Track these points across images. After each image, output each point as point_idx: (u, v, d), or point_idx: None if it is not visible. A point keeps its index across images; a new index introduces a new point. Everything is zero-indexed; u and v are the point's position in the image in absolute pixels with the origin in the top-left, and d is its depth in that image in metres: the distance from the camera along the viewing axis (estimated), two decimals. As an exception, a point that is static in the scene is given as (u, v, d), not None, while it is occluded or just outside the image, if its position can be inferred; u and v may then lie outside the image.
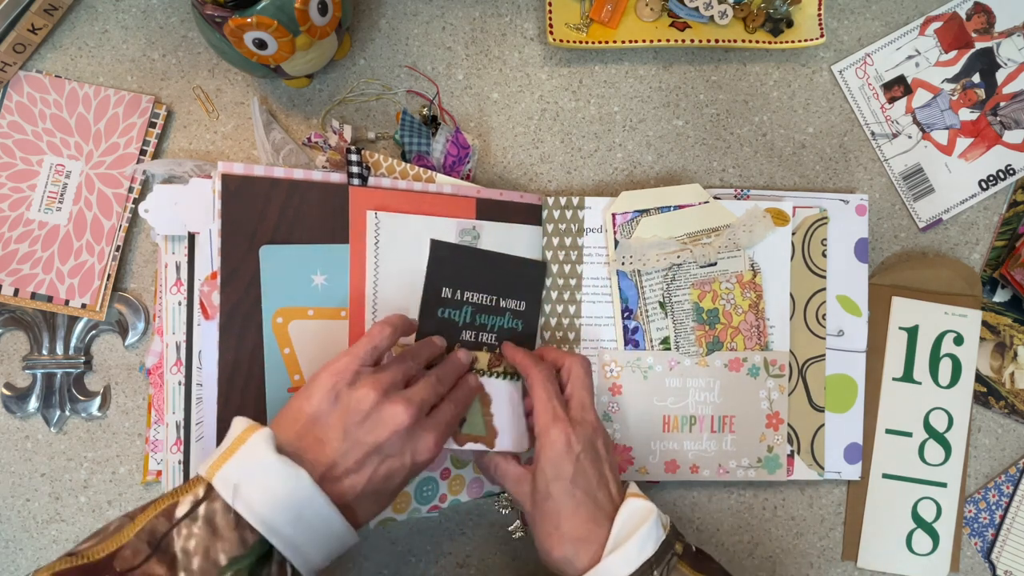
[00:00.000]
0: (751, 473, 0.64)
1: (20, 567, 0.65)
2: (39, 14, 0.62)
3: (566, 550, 0.49)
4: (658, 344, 0.63)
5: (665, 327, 0.63)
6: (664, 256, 0.62)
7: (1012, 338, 0.68)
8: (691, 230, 0.63)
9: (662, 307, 0.63)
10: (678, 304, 0.63)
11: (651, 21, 0.66)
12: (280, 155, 0.63)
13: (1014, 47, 0.68)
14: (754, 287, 0.64)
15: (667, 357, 0.63)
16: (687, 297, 0.63)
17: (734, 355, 0.63)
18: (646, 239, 0.62)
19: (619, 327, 0.63)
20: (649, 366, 0.63)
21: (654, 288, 0.63)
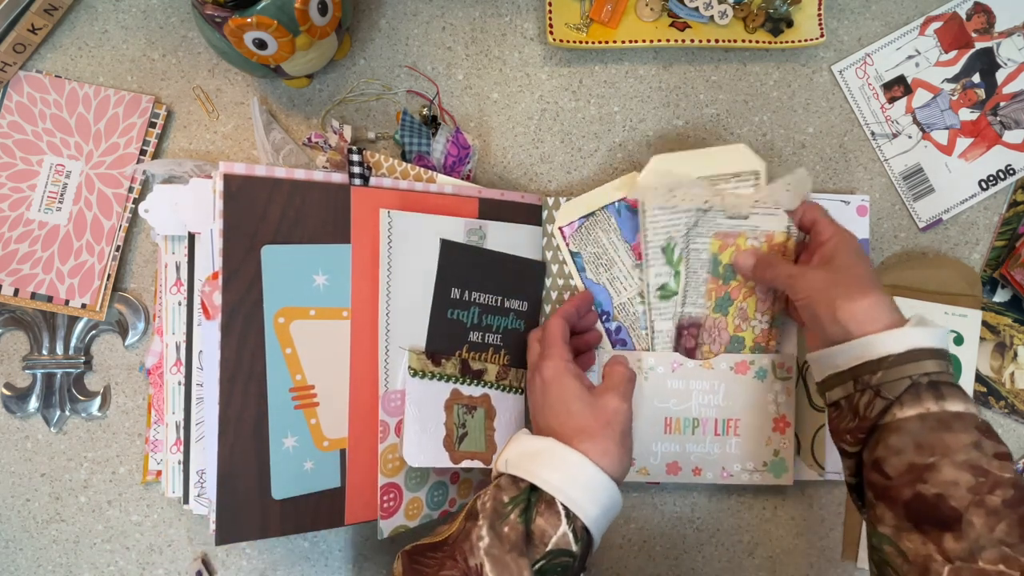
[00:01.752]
0: (756, 477, 0.64)
1: (20, 567, 0.65)
2: (39, 14, 0.62)
3: (880, 299, 0.50)
4: (654, 292, 0.62)
5: (665, 273, 0.61)
6: (690, 198, 0.60)
7: (1012, 338, 0.68)
8: (711, 172, 0.61)
9: (664, 251, 0.61)
10: (695, 252, 0.61)
11: (651, 21, 0.66)
12: (280, 155, 0.63)
13: (1014, 47, 0.68)
14: (784, 250, 0.61)
15: (670, 359, 0.63)
16: (706, 246, 0.61)
17: (741, 357, 0.63)
18: (670, 174, 0.59)
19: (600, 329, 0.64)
20: (651, 367, 0.63)
21: (659, 229, 0.61)
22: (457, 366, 0.59)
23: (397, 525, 0.58)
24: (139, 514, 0.66)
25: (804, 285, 0.54)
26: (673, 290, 0.62)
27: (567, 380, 0.55)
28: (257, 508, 0.54)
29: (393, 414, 0.57)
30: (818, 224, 0.58)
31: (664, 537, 0.68)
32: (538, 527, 0.47)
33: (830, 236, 0.56)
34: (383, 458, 0.57)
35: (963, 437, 0.45)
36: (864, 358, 0.50)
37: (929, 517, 0.44)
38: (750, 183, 0.61)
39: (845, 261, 0.54)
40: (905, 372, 0.48)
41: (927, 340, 0.48)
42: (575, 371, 0.56)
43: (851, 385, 0.50)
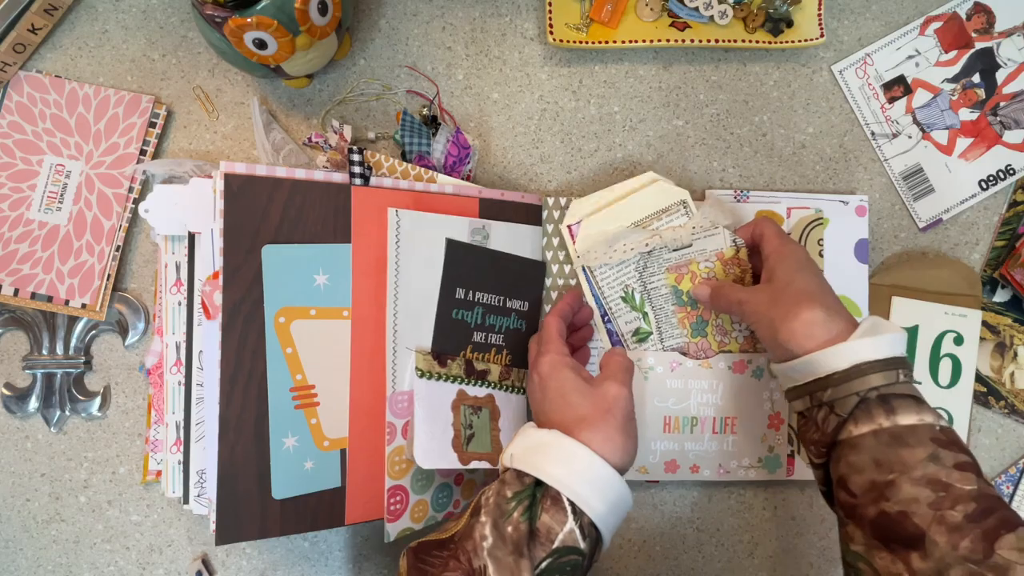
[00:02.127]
0: (751, 473, 0.64)
1: (20, 567, 0.65)
2: (39, 14, 0.62)
3: (815, 315, 0.50)
4: (630, 337, 0.63)
5: (634, 319, 0.63)
6: (630, 247, 0.61)
7: (1012, 338, 0.68)
8: (639, 216, 0.62)
9: (625, 300, 0.62)
10: (655, 291, 0.62)
11: (651, 21, 0.66)
12: (280, 155, 0.63)
13: (1014, 47, 0.68)
14: (738, 263, 0.62)
15: (669, 359, 0.63)
16: (663, 282, 0.62)
17: (739, 357, 0.63)
18: (603, 233, 0.61)
19: (602, 331, 0.64)
20: (650, 367, 0.63)
21: (611, 284, 0.63)
22: (462, 367, 0.59)
23: (403, 528, 0.58)
24: (139, 514, 0.66)
25: (750, 310, 0.55)
26: (647, 331, 0.63)
27: (564, 372, 0.54)
28: (257, 508, 0.54)
29: (400, 415, 0.57)
30: (763, 240, 0.58)
31: (664, 537, 0.68)
32: (543, 524, 0.47)
33: (771, 252, 0.56)
34: (390, 460, 0.57)
35: (918, 452, 0.45)
36: (812, 375, 0.50)
37: (894, 535, 0.44)
38: (680, 214, 0.62)
39: (784, 276, 0.54)
40: (852, 389, 0.48)
41: (871, 352, 0.48)
42: (572, 363, 0.55)
43: (808, 399, 0.51)
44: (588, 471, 0.49)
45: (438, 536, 0.49)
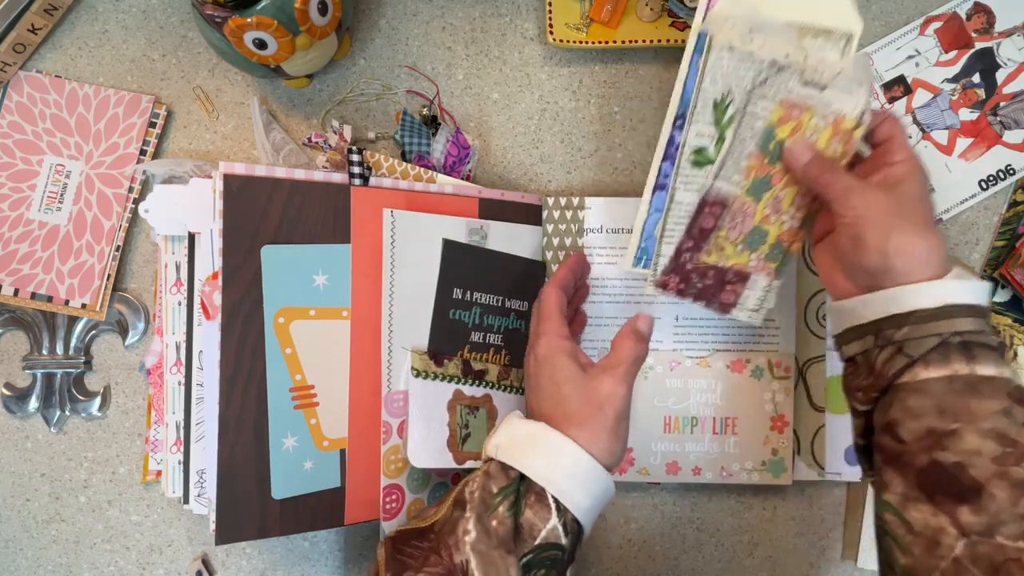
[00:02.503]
0: (755, 476, 0.64)
1: (20, 567, 0.65)
2: (39, 14, 0.62)
3: (925, 245, 0.45)
4: (689, 155, 0.52)
5: (708, 135, 0.52)
6: (770, 46, 0.49)
7: (1012, 338, 0.68)
8: (799, 20, 0.50)
9: (716, 107, 0.51)
10: (750, 116, 0.51)
11: (651, 21, 0.66)
12: (280, 155, 0.63)
13: (1014, 47, 0.68)
14: (847, 139, 0.50)
15: (668, 358, 0.63)
16: (766, 112, 0.51)
17: (736, 356, 0.63)
18: (754, 10, 0.49)
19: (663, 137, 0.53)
20: (650, 366, 0.63)
21: (715, 77, 0.51)
22: (459, 366, 0.59)
23: (399, 527, 0.58)
24: (139, 514, 0.66)
25: (859, 202, 0.46)
26: (710, 157, 0.53)
27: (560, 359, 0.52)
28: (257, 508, 0.54)
29: (396, 415, 0.57)
30: (894, 142, 0.50)
31: (664, 537, 0.68)
32: (527, 520, 0.46)
33: (904, 159, 0.48)
34: (386, 459, 0.57)
35: (992, 404, 0.42)
36: (890, 311, 0.45)
37: (945, 487, 0.41)
38: (839, 47, 0.50)
39: (914, 192, 0.47)
40: (935, 330, 0.43)
41: (965, 295, 0.44)
42: (570, 349, 0.53)
43: (871, 339, 0.46)
44: (573, 466, 0.48)
45: (418, 524, 0.48)
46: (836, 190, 0.48)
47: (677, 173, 0.53)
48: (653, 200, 0.54)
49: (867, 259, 0.46)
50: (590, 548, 0.67)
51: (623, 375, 0.51)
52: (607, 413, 0.49)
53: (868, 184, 0.48)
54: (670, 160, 0.53)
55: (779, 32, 0.50)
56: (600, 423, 0.49)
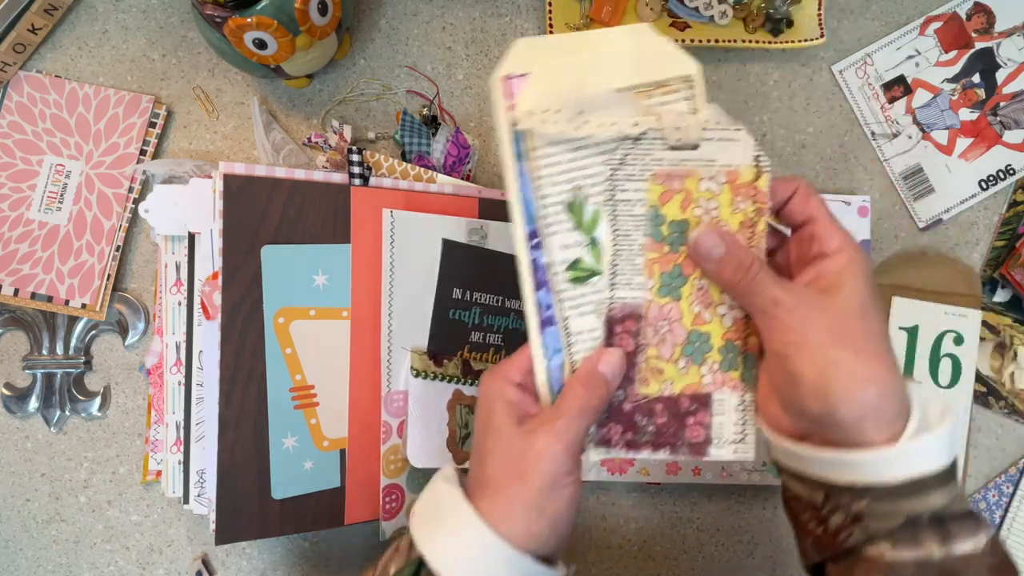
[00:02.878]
0: (755, 477, 0.64)
1: (20, 567, 0.65)
2: (39, 14, 0.62)
3: (876, 392, 0.36)
4: (563, 273, 0.41)
5: (575, 244, 0.41)
6: (611, 122, 0.39)
7: (1012, 338, 0.68)
8: (626, 81, 0.40)
9: (571, 210, 0.41)
10: (624, 203, 0.41)
11: (651, 21, 0.66)
12: (280, 155, 0.63)
13: (1014, 47, 0.68)
14: (754, 195, 0.41)
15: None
16: (641, 195, 0.41)
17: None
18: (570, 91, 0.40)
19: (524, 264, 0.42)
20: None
21: (557, 178, 0.40)
22: (459, 366, 0.59)
23: (400, 527, 0.58)
24: (139, 514, 0.66)
25: (790, 323, 0.37)
26: (591, 268, 0.42)
27: (494, 407, 0.41)
28: (257, 508, 0.54)
29: (395, 415, 0.57)
30: (819, 224, 0.40)
31: (664, 537, 0.68)
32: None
33: (838, 249, 0.39)
34: (385, 459, 0.57)
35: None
36: (843, 478, 0.36)
37: None
38: (680, 96, 0.41)
39: (856, 300, 0.37)
40: (901, 508, 0.35)
41: (932, 458, 0.35)
42: (512, 394, 0.41)
43: (820, 495, 0.38)
44: (478, 552, 0.38)
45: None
46: (760, 303, 0.39)
47: (560, 299, 0.42)
48: (545, 340, 0.42)
49: (805, 403, 0.37)
50: (590, 548, 0.67)
51: (561, 431, 0.39)
52: (530, 481, 0.38)
53: (799, 295, 0.38)
54: (545, 287, 0.41)
55: (615, 103, 0.40)
56: (518, 494, 0.38)
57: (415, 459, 0.56)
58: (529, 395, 0.42)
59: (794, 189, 0.41)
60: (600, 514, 0.67)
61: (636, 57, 0.41)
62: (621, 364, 0.41)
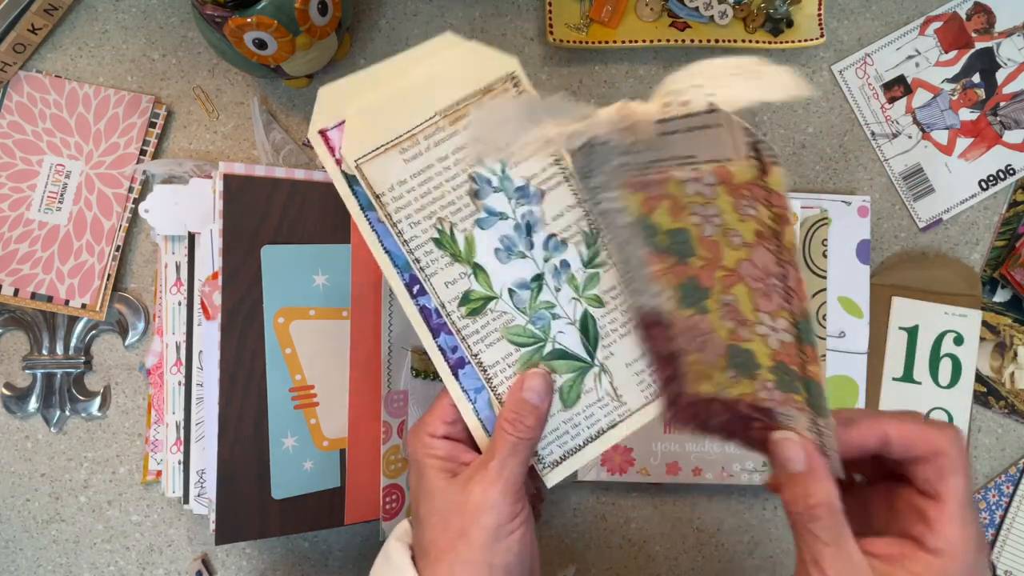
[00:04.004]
0: (756, 477, 0.64)
1: (20, 567, 0.65)
2: (39, 14, 0.62)
3: None
4: (456, 307, 0.40)
5: (460, 276, 0.39)
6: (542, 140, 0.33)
7: (1012, 338, 0.68)
8: (448, 101, 0.39)
9: (441, 244, 0.39)
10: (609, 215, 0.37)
11: (651, 21, 0.66)
12: (280, 155, 0.63)
13: (1014, 47, 0.68)
14: (765, 197, 0.30)
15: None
16: (618, 204, 0.36)
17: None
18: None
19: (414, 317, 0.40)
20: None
21: (416, 219, 0.39)
22: None
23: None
24: (139, 514, 0.66)
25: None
26: (484, 294, 0.40)
27: (423, 468, 0.38)
28: (257, 508, 0.54)
29: (395, 415, 0.57)
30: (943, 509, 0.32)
31: (664, 537, 0.68)
32: None
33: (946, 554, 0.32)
34: (385, 459, 0.57)
35: None
36: None
37: None
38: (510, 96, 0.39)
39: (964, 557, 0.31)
40: None
41: None
42: (436, 451, 0.39)
43: None
44: None
45: None
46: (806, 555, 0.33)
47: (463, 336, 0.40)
48: (463, 384, 0.41)
49: None
50: (590, 548, 0.67)
51: (495, 474, 0.36)
52: (472, 538, 0.35)
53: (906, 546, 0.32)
54: (443, 331, 0.40)
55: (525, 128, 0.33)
56: (461, 556, 0.35)
57: None
58: (459, 443, 0.40)
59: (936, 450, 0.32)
60: (600, 514, 0.67)
61: (451, 69, 0.39)
62: (545, 384, 0.39)
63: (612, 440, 0.43)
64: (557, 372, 0.41)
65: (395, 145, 0.38)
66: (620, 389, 0.42)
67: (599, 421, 0.42)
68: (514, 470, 0.37)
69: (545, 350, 0.41)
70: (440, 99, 0.39)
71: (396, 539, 0.41)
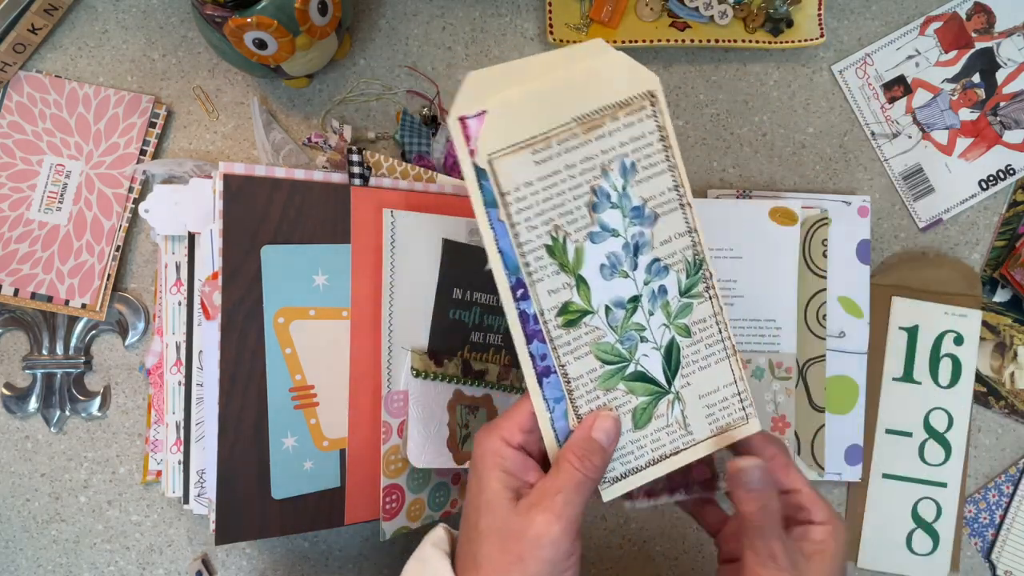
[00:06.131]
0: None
1: (20, 567, 0.65)
2: (39, 14, 0.62)
3: None
4: (554, 316, 0.40)
5: (563, 286, 0.40)
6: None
7: (1012, 338, 0.68)
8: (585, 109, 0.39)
9: (550, 252, 0.39)
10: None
11: (651, 21, 0.66)
12: (280, 155, 0.63)
13: (1014, 47, 0.68)
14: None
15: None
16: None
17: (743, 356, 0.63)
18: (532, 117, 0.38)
19: (515, 324, 0.40)
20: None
21: (534, 223, 0.39)
22: (459, 366, 0.59)
23: (400, 526, 0.58)
24: (139, 514, 0.66)
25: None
26: (582, 308, 0.41)
27: (488, 479, 0.38)
28: (257, 508, 0.54)
29: (396, 415, 0.57)
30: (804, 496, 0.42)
31: (664, 537, 0.68)
32: None
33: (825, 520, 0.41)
34: (385, 459, 0.57)
35: None
36: None
37: None
38: (645, 114, 0.40)
39: (834, 570, 0.40)
40: None
41: None
42: (507, 463, 0.39)
43: None
44: None
45: None
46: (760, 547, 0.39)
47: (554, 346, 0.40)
48: (546, 392, 0.41)
49: None
50: (590, 548, 0.67)
51: (559, 509, 0.37)
52: (528, 567, 0.36)
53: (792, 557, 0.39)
54: (537, 338, 0.40)
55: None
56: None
57: (415, 459, 0.56)
58: (530, 459, 0.40)
59: (771, 456, 0.42)
60: (600, 514, 0.67)
61: (593, 77, 0.39)
62: (616, 428, 0.40)
63: (673, 466, 0.43)
64: (634, 393, 0.42)
65: (529, 145, 0.38)
66: (689, 419, 0.43)
67: (664, 446, 0.43)
68: (577, 507, 0.37)
69: (627, 370, 0.41)
70: (578, 106, 0.39)
71: (432, 545, 0.41)
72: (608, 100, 0.39)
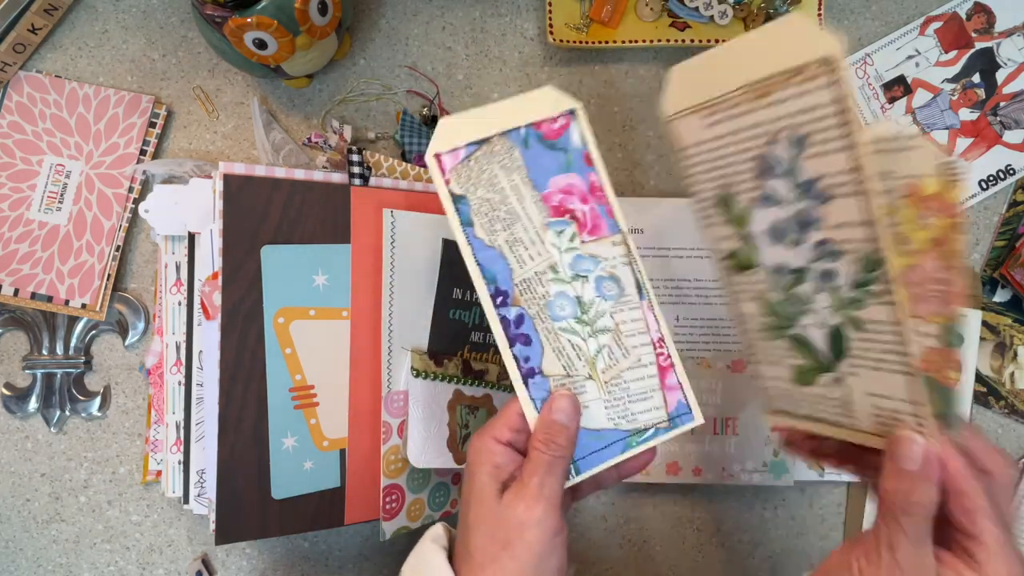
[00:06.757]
0: (755, 477, 0.64)
1: (20, 567, 0.65)
2: (39, 14, 0.62)
3: None
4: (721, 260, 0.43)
5: (729, 235, 0.41)
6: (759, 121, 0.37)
7: (1012, 338, 0.68)
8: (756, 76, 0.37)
9: (719, 205, 0.42)
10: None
11: (651, 21, 0.66)
12: (280, 155, 0.63)
13: (1014, 47, 0.68)
14: (946, 209, 0.36)
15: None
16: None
17: (737, 356, 0.63)
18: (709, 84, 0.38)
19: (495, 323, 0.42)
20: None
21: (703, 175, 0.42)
22: (459, 366, 0.59)
23: (400, 527, 0.58)
24: (139, 514, 0.66)
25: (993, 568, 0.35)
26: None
27: (478, 473, 0.40)
28: (257, 508, 0.54)
29: (396, 415, 0.57)
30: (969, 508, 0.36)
31: (664, 537, 0.68)
32: None
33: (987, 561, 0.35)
34: (385, 459, 0.57)
35: None
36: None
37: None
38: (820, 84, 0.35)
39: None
40: None
41: None
42: (496, 458, 0.41)
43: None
44: None
45: None
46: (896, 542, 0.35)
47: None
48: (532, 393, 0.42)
49: None
50: (590, 548, 0.67)
51: (536, 492, 0.39)
52: (517, 553, 0.38)
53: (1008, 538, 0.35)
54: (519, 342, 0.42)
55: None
56: (505, 567, 0.38)
57: (415, 459, 0.56)
58: (518, 455, 0.42)
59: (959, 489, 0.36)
60: (600, 514, 0.67)
61: (770, 43, 0.37)
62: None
63: (827, 433, 0.42)
64: (797, 353, 0.41)
65: (702, 108, 0.40)
66: (854, 405, 0.40)
67: (823, 412, 0.42)
68: (553, 487, 0.39)
69: (788, 331, 0.42)
70: (751, 71, 0.38)
71: (431, 541, 0.42)
72: (781, 66, 0.36)
